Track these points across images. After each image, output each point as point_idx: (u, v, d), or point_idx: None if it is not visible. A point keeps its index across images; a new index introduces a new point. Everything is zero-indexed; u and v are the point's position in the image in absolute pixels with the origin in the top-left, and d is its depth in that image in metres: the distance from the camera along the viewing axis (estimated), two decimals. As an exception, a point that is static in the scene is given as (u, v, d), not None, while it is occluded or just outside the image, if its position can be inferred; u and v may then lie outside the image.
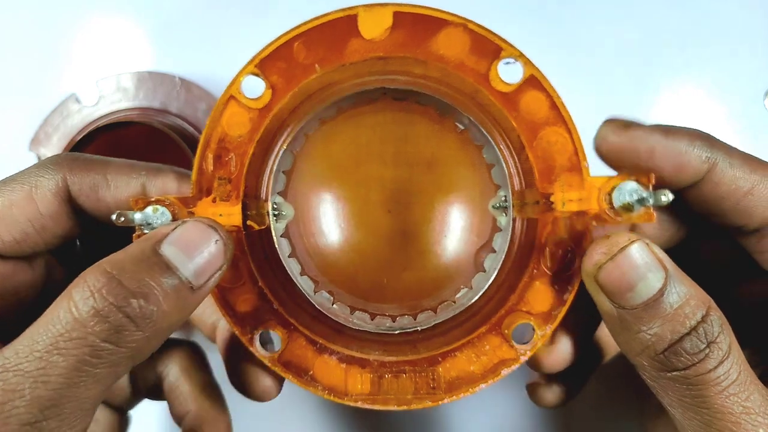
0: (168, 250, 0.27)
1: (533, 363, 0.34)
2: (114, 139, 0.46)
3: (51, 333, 0.24)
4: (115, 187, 0.31)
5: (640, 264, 0.28)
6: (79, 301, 0.24)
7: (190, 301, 0.27)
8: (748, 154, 0.31)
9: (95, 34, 0.52)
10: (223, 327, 0.35)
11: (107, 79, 0.50)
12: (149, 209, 0.30)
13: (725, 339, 0.27)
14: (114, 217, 0.29)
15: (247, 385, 0.33)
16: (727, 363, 0.27)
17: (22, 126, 0.51)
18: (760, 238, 0.31)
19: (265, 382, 0.33)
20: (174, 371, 0.36)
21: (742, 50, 0.53)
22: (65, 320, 0.24)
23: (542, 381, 0.37)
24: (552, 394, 0.37)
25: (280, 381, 0.33)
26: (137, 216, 0.30)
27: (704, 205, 0.31)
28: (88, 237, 0.34)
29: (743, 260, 0.34)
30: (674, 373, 0.27)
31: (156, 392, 0.37)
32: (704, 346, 0.27)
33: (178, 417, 0.36)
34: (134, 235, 0.30)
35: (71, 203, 0.31)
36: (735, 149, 0.31)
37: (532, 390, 0.37)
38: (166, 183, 0.32)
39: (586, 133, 0.31)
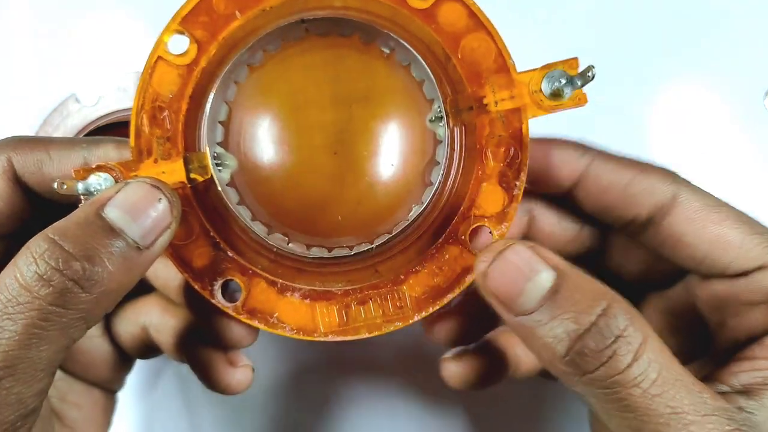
0: (112, 212, 0.27)
1: (427, 326, 0.34)
2: None
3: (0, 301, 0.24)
4: (58, 161, 0.31)
5: (522, 266, 0.27)
6: (23, 267, 0.25)
7: (139, 262, 0.27)
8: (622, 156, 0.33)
9: (95, 34, 0.52)
10: (181, 280, 0.35)
11: (107, 78, 0.50)
12: (92, 177, 0.30)
13: (635, 333, 0.25)
14: (55, 185, 0.29)
15: (219, 333, 0.33)
16: (643, 361, 0.25)
17: (22, 126, 0.50)
18: (656, 227, 0.31)
19: (237, 327, 0.32)
20: (155, 314, 0.36)
21: (742, 50, 0.53)
22: (11, 287, 0.25)
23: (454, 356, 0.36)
24: (455, 366, 0.35)
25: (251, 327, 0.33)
26: (79, 185, 0.30)
27: (593, 200, 0.32)
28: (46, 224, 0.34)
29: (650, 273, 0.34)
30: (586, 376, 0.26)
31: (146, 349, 0.37)
32: (610, 341, 0.25)
33: (175, 348, 0.35)
34: (80, 205, 0.30)
35: (19, 183, 0.31)
36: (608, 151, 0.33)
37: (442, 363, 0.36)
38: (107, 152, 0.32)
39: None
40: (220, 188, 0.30)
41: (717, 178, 0.50)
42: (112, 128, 0.47)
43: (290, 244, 0.31)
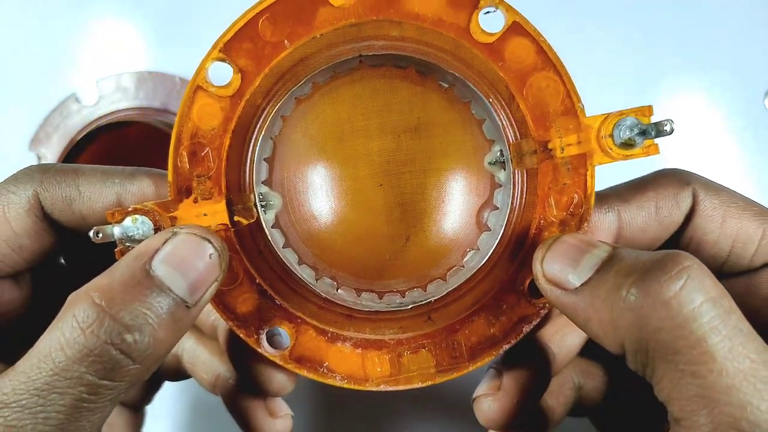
0: (160, 269, 0.25)
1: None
2: (114, 139, 0.46)
3: (46, 371, 0.23)
4: (88, 198, 0.29)
5: (578, 243, 0.26)
6: (70, 339, 0.23)
7: (187, 321, 0.26)
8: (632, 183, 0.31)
9: (95, 34, 0.52)
10: (224, 326, 0.33)
11: (107, 78, 0.50)
12: (128, 220, 0.28)
13: (702, 273, 0.23)
14: (91, 234, 0.27)
15: (260, 384, 0.31)
16: (718, 303, 0.23)
17: (22, 125, 0.51)
18: (685, 230, 0.31)
19: (279, 377, 0.31)
20: (189, 346, 0.35)
21: (742, 50, 0.53)
22: (58, 359, 0.23)
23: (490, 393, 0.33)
24: (494, 402, 0.32)
25: (293, 373, 0.32)
26: (116, 230, 0.27)
27: (639, 246, 0.31)
28: (70, 248, 0.32)
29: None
30: (656, 317, 0.23)
31: (176, 373, 0.36)
32: (678, 269, 0.23)
33: (210, 385, 0.35)
34: (117, 250, 0.28)
35: (47, 218, 0.29)
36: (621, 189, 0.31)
37: (476, 404, 0.33)
38: (142, 188, 0.30)
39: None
40: (268, 234, 0.28)
41: (717, 178, 0.53)
42: (113, 128, 0.46)
43: (340, 291, 0.30)
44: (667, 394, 0.24)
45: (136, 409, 0.38)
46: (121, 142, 0.46)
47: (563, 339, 0.33)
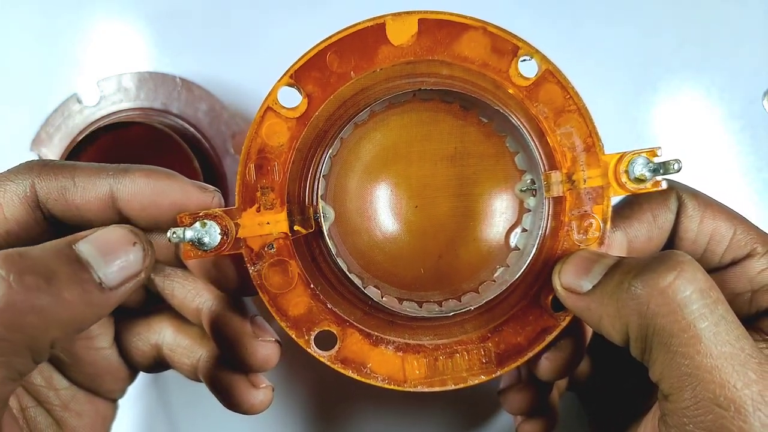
0: (83, 246, 0.27)
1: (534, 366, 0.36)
2: (115, 140, 0.46)
3: None
4: (82, 188, 0.30)
5: (589, 256, 0.31)
6: None
7: (99, 300, 0.27)
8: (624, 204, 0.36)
9: (97, 34, 0.53)
10: (208, 309, 0.35)
11: (108, 79, 0.50)
12: (197, 224, 0.30)
13: (696, 270, 0.27)
14: (168, 234, 0.29)
15: (247, 358, 0.33)
16: (711, 297, 0.27)
17: (23, 126, 0.50)
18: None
19: (264, 349, 0.33)
20: (168, 333, 0.36)
21: (741, 50, 0.53)
22: None
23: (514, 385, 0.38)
24: (518, 393, 0.37)
25: (278, 345, 0.34)
26: (188, 233, 0.30)
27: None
28: None
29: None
30: (654, 302, 0.27)
31: (156, 365, 0.37)
32: (672, 263, 0.27)
33: (191, 369, 0.35)
34: (184, 251, 0.30)
35: (41, 210, 0.30)
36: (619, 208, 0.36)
37: (503, 396, 0.39)
38: (134, 182, 0.30)
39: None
40: (329, 242, 0.31)
41: (716, 178, 0.53)
42: (114, 128, 0.46)
43: (384, 299, 0.33)
44: (660, 373, 0.28)
45: (107, 399, 0.37)
46: (122, 143, 0.46)
47: None
